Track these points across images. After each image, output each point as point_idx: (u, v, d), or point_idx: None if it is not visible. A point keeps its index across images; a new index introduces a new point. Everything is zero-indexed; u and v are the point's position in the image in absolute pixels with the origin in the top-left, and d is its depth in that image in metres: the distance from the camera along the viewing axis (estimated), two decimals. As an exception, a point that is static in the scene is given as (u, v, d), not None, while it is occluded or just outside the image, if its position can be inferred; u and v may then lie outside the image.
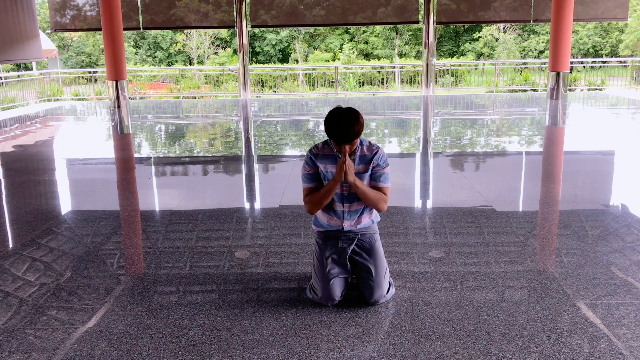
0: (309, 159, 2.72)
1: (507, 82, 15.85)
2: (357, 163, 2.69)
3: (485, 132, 8.74)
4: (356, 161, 2.69)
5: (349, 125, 2.52)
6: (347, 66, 22.98)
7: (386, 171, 2.72)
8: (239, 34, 13.40)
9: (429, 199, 4.81)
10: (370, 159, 2.69)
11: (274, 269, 3.20)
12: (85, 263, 3.34)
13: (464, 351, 2.29)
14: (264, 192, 5.08)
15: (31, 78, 15.36)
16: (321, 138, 8.15)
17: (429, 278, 3.01)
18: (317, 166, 2.71)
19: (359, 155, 2.69)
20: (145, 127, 9.98)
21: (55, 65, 25.82)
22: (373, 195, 2.66)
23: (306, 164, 2.74)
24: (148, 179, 5.70)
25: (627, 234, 3.69)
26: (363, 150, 2.70)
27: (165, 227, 4.05)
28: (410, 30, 31.28)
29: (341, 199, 2.72)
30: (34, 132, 9.45)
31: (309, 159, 2.72)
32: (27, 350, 2.36)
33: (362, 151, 2.70)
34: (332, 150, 2.70)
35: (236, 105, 12.72)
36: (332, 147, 2.70)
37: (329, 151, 2.71)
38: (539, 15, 13.20)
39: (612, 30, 30.68)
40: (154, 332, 2.49)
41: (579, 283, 2.91)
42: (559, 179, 5.37)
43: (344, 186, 2.69)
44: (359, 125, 2.54)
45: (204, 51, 31.71)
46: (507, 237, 3.70)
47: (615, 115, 10.16)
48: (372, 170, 2.70)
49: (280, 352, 2.31)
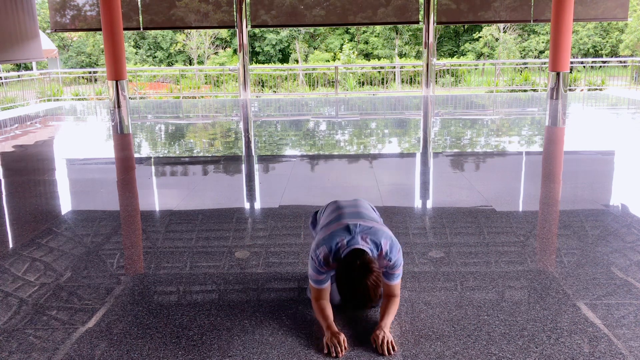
0: (321, 267, 2.40)
1: (507, 82, 15.85)
2: None
3: (486, 132, 8.74)
4: None
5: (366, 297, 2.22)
6: (347, 66, 23.00)
7: (399, 272, 2.47)
8: (239, 34, 13.40)
9: (429, 199, 4.81)
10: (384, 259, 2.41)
11: (274, 269, 3.20)
12: (85, 263, 3.34)
13: (464, 351, 2.29)
14: (264, 192, 5.08)
15: (31, 78, 15.36)
16: (321, 138, 8.16)
17: (429, 278, 3.01)
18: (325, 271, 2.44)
19: None
20: (145, 127, 9.98)
21: (55, 65, 25.83)
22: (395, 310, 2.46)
23: (318, 272, 2.42)
24: (148, 179, 5.70)
25: (627, 234, 3.69)
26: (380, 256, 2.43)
27: (165, 227, 4.05)
28: (410, 30, 31.28)
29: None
30: (34, 132, 9.45)
31: (320, 267, 2.40)
32: (27, 350, 2.36)
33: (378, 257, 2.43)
34: None
35: (236, 105, 12.72)
36: None
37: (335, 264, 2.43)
38: (539, 15, 13.20)
39: (612, 30, 30.68)
40: (154, 332, 2.49)
41: (579, 283, 2.91)
42: (559, 179, 5.37)
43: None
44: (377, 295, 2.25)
45: (204, 51, 31.71)
46: (507, 237, 3.70)
47: (615, 115, 10.16)
48: (385, 269, 2.44)
49: (280, 352, 2.31)
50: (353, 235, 2.38)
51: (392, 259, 2.40)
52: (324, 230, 2.51)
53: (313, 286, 2.48)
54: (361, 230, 2.40)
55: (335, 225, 2.46)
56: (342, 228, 2.43)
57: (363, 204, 2.75)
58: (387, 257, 2.39)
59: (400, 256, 2.44)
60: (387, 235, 2.43)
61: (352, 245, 2.34)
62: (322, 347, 2.31)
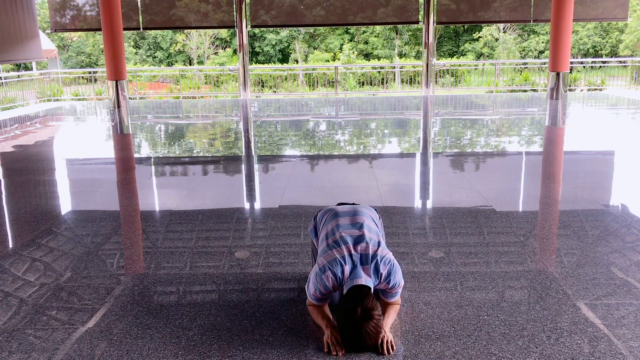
0: (326, 291, 2.43)
1: (507, 82, 15.85)
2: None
3: (485, 132, 8.74)
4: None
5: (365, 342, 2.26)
6: (347, 66, 23.00)
7: (398, 290, 2.49)
8: (239, 34, 13.40)
9: (429, 199, 4.81)
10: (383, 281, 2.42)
11: (274, 269, 3.20)
12: (85, 263, 3.34)
13: (464, 351, 2.29)
14: (264, 192, 5.08)
15: (31, 78, 15.36)
16: (321, 138, 8.16)
17: (429, 278, 3.01)
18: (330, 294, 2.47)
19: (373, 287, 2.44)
20: (145, 127, 9.98)
21: (55, 65, 25.82)
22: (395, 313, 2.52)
23: (321, 293, 2.44)
24: (148, 179, 5.70)
25: (627, 234, 3.69)
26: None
27: (165, 227, 4.05)
28: (410, 30, 31.28)
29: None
30: (34, 132, 9.45)
31: (325, 291, 2.42)
32: (27, 350, 2.36)
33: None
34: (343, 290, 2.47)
35: (236, 105, 12.72)
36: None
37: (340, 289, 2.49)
38: (539, 15, 13.20)
39: (612, 30, 30.68)
40: (154, 332, 2.49)
41: (579, 283, 2.91)
42: (559, 179, 5.37)
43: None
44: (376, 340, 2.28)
45: (204, 51, 31.71)
46: (507, 237, 3.70)
47: (615, 115, 10.16)
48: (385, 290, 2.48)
49: (280, 352, 2.31)
50: (355, 265, 2.39)
51: (390, 281, 2.41)
52: (326, 251, 2.49)
53: (312, 302, 2.49)
54: (362, 262, 2.41)
55: (336, 252, 2.44)
56: (344, 255, 2.42)
57: (363, 213, 2.69)
58: (386, 281, 2.41)
59: (399, 277, 2.44)
60: (386, 259, 2.42)
61: (355, 278, 2.35)
62: (322, 346, 2.31)
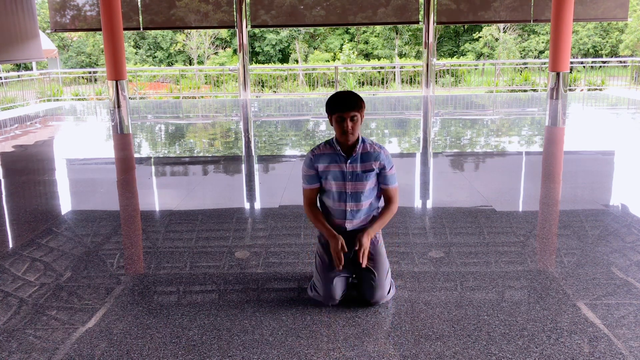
0: (309, 160, 2.73)
1: (507, 82, 15.85)
2: (359, 161, 2.69)
3: (485, 132, 8.74)
4: (357, 159, 2.69)
5: (351, 94, 2.63)
6: (347, 66, 23.00)
7: (393, 172, 2.75)
8: (239, 34, 13.40)
9: (429, 199, 4.81)
10: (374, 157, 2.69)
11: (274, 269, 3.20)
12: (85, 263, 3.34)
13: (464, 351, 2.29)
14: (264, 192, 5.08)
15: (31, 78, 15.36)
16: (321, 138, 8.15)
17: (429, 278, 3.01)
18: (316, 168, 2.72)
19: (361, 153, 2.69)
20: (145, 127, 9.98)
21: (55, 65, 25.83)
22: (388, 217, 2.77)
23: (305, 165, 2.75)
24: (148, 179, 5.70)
25: (627, 234, 3.69)
26: (366, 147, 2.70)
27: (165, 227, 4.05)
28: (410, 30, 31.27)
29: (345, 198, 2.72)
30: (34, 132, 9.45)
31: (308, 160, 2.74)
32: (27, 350, 2.36)
33: (365, 149, 2.70)
34: (335, 149, 2.69)
35: (236, 105, 12.72)
36: (334, 146, 2.70)
37: (331, 150, 2.70)
38: (539, 15, 13.20)
39: (612, 30, 30.68)
40: (154, 332, 2.49)
41: (579, 283, 2.91)
42: (559, 179, 5.37)
43: (347, 184, 2.69)
44: (360, 98, 2.62)
45: (204, 51, 31.71)
46: (507, 237, 3.70)
47: (615, 115, 10.16)
48: (380, 172, 2.72)
49: (280, 352, 2.31)
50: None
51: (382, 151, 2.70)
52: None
53: (305, 187, 2.77)
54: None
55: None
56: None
57: None
58: (377, 145, 2.72)
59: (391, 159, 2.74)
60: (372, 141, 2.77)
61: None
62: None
